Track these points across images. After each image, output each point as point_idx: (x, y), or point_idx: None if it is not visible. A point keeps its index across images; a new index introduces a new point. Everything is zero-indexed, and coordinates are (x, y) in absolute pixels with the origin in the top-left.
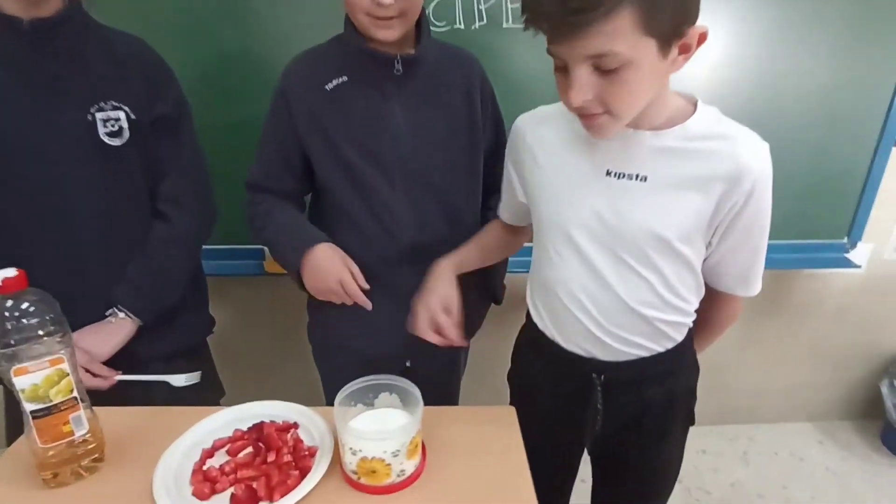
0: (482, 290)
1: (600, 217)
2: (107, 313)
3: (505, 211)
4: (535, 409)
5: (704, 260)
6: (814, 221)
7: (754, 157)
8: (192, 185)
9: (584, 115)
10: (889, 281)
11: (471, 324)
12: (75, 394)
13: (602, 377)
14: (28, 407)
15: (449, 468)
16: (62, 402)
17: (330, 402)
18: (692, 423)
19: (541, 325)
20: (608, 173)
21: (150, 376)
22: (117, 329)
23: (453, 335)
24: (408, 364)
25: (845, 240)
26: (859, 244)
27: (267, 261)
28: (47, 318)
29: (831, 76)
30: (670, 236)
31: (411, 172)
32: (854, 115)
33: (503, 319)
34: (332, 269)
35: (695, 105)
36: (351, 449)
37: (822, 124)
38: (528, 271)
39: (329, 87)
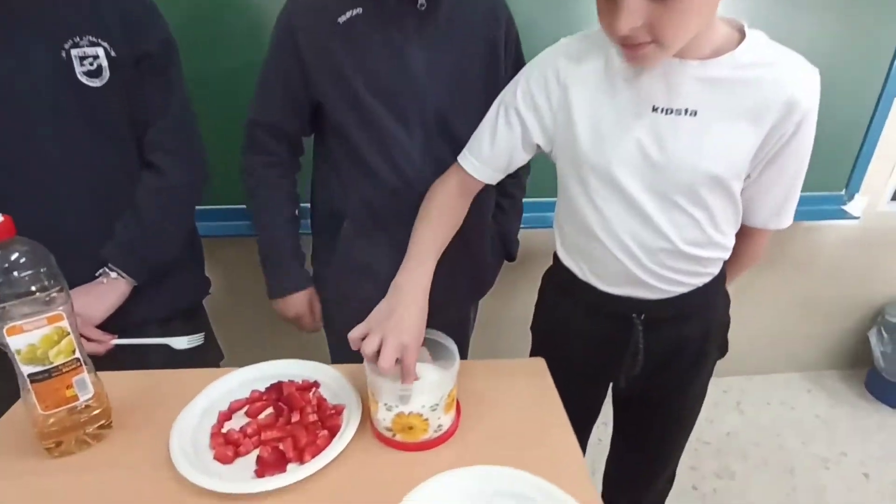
0: (496, 247)
1: (646, 155)
2: (97, 273)
3: (485, 163)
4: (563, 356)
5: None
6: (812, 174)
7: (806, 84)
8: (184, 133)
9: (628, 45)
10: (882, 232)
11: (484, 282)
12: (77, 354)
13: (642, 317)
14: (25, 370)
15: (484, 421)
16: (64, 364)
17: (336, 360)
18: (725, 352)
19: (575, 270)
20: (654, 109)
21: (150, 339)
22: (110, 290)
23: (408, 380)
24: None
25: (843, 192)
26: (857, 196)
27: None
28: (41, 270)
29: (834, 28)
30: (722, 173)
31: (430, 118)
32: (856, 68)
33: (514, 276)
34: (295, 310)
35: (741, 31)
36: (386, 405)
37: (824, 77)
38: (537, 227)
39: (342, 20)
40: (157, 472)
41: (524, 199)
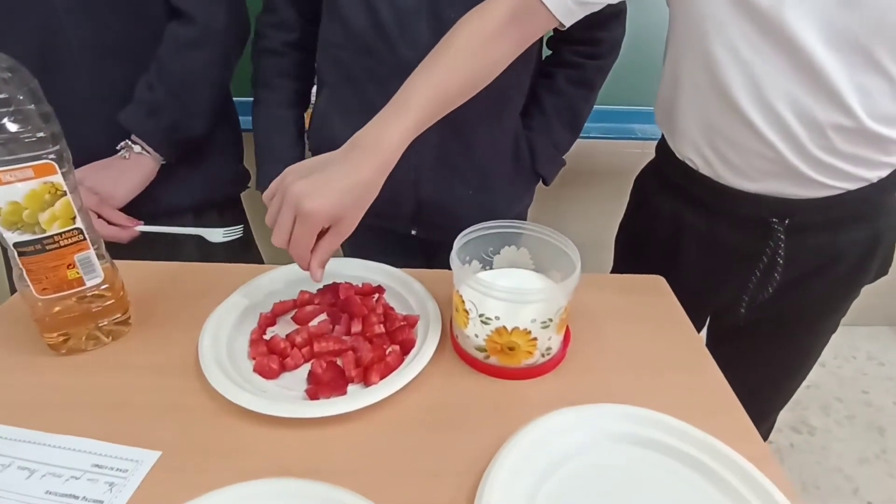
0: (524, 162)
1: None
2: (118, 147)
3: None
4: (663, 275)
5: None
6: None
7: None
8: None
9: None
10: None
11: (495, 209)
12: (79, 224)
13: (786, 222)
14: (9, 237)
15: (600, 348)
16: (61, 235)
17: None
18: (886, 270)
19: (694, 161)
20: None
21: (181, 228)
22: (133, 167)
23: (310, 271)
24: (413, 232)
25: None
26: None
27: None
28: (18, 97)
29: None
30: None
31: None
32: None
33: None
34: None
35: None
36: (483, 316)
37: None
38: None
39: None
40: (184, 382)
41: None
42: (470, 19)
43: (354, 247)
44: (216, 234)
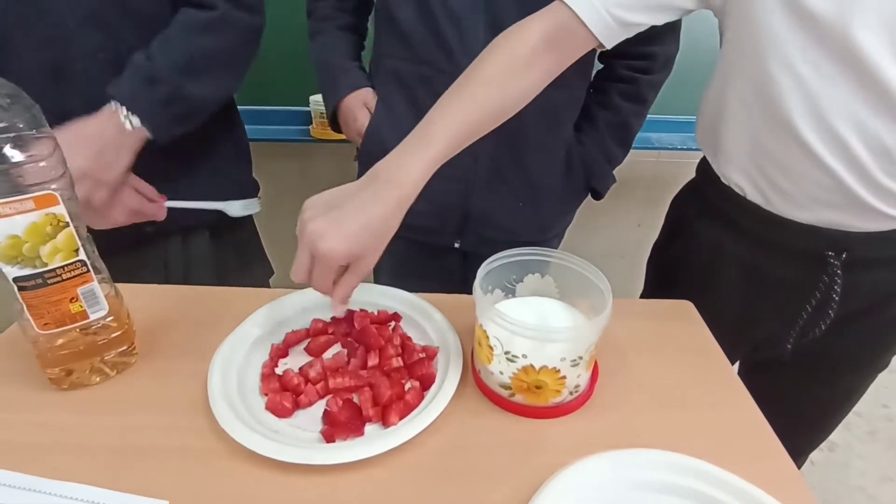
0: (575, 177)
1: None
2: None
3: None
4: (699, 305)
5: None
6: None
7: None
8: None
9: None
10: None
11: (544, 223)
12: (82, 255)
13: (843, 256)
14: (8, 272)
15: (628, 377)
16: (63, 268)
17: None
18: None
19: (741, 186)
20: None
21: (203, 203)
22: (122, 144)
23: (336, 308)
24: (456, 245)
25: None
26: None
27: (314, 125)
28: (18, 125)
29: None
30: None
31: None
32: None
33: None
34: (352, 113)
35: None
36: (509, 354)
37: None
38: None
39: None
40: (192, 420)
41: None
42: (500, 45)
43: (391, 261)
44: (235, 207)
